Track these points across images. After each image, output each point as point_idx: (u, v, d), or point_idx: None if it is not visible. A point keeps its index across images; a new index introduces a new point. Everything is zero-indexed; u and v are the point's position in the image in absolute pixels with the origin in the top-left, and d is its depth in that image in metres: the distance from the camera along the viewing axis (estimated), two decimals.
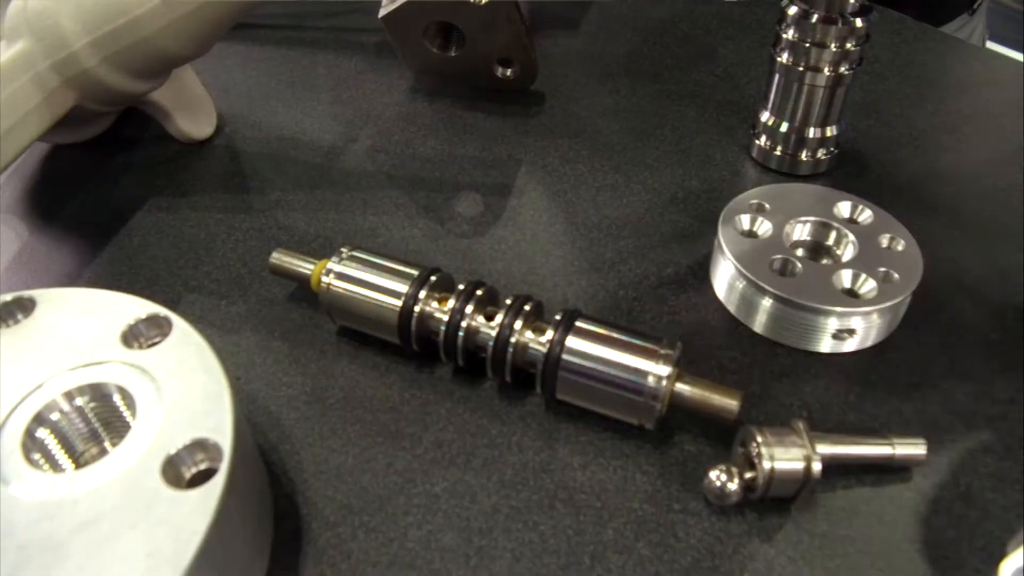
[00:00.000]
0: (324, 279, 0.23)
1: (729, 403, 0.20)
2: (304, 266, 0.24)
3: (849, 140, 0.32)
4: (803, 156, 0.30)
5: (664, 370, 0.19)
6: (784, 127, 0.30)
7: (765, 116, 0.30)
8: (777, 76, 0.29)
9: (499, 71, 0.34)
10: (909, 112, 0.34)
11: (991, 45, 0.60)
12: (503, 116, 0.34)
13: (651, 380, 0.19)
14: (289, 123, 0.34)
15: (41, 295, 0.20)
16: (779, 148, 0.30)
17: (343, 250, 0.23)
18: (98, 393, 0.18)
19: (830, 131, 0.29)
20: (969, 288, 0.25)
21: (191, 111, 0.32)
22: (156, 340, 0.19)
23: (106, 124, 0.32)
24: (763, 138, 0.30)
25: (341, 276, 0.22)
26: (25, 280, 0.26)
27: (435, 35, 0.34)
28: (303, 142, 0.32)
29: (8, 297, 0.20)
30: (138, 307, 0.20)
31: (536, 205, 0.29)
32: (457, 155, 0.31)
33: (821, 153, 0.30)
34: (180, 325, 0.19)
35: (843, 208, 0.26)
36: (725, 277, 0.24)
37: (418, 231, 0.27)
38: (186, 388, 0.18)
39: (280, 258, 0.24)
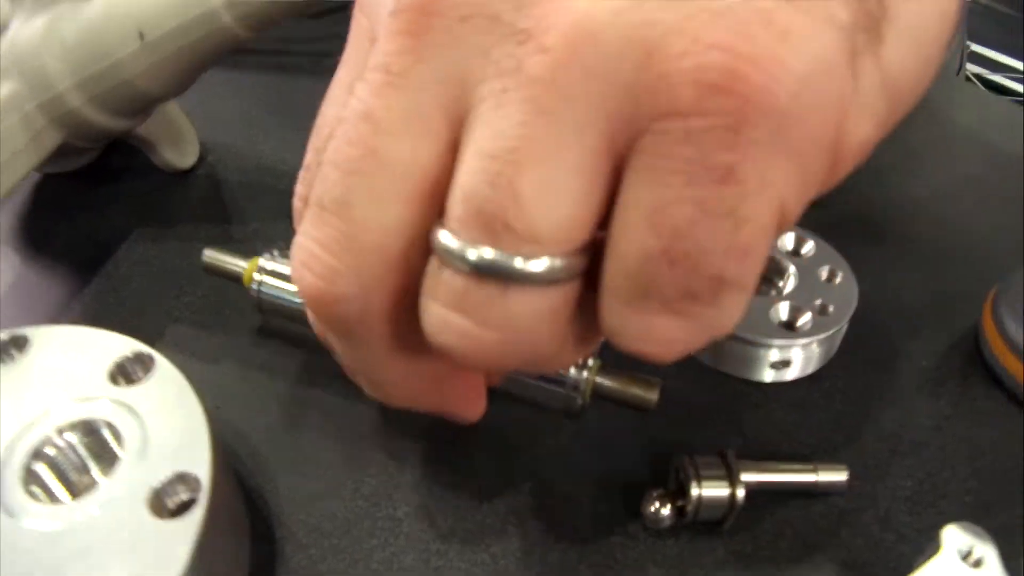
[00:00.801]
0: (256, 276, 0.25)
1: (648, 395, 0.22)
2: (237, 264, 0.26)
3: None
4: None
5: (586, 362, 0.22)
6: None
7: None
8: None
9: None
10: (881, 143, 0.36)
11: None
12: None
13: (572, 372, 0.22)
14: (269, 152, 0.36)
15: (34, 332, 0.22)
16: None
17: (275, 250, 0.25)
18: (88, 429, 0.20)
19: None
20: (906, 316, 0.28)
21: (175, 142, 0.34)
22: (140, 377, 0.21)
23: (93, 155, 0.34)
24: None
25: (273, 273, 0.25)
26: (17, 311, 0.29)
27: None
28: (283, 171, 0.35)
29: (3, 335, 0.22)
30: (124, 345, 0.22)
31: None
32: None
33: None
34: (162, 363, 0.22)
35: (787, 240, 0.28)
36: None
37: None
38: (168, 423, 0.20)
39: (213, 256, 0.27)
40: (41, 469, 0.20)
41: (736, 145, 0.12)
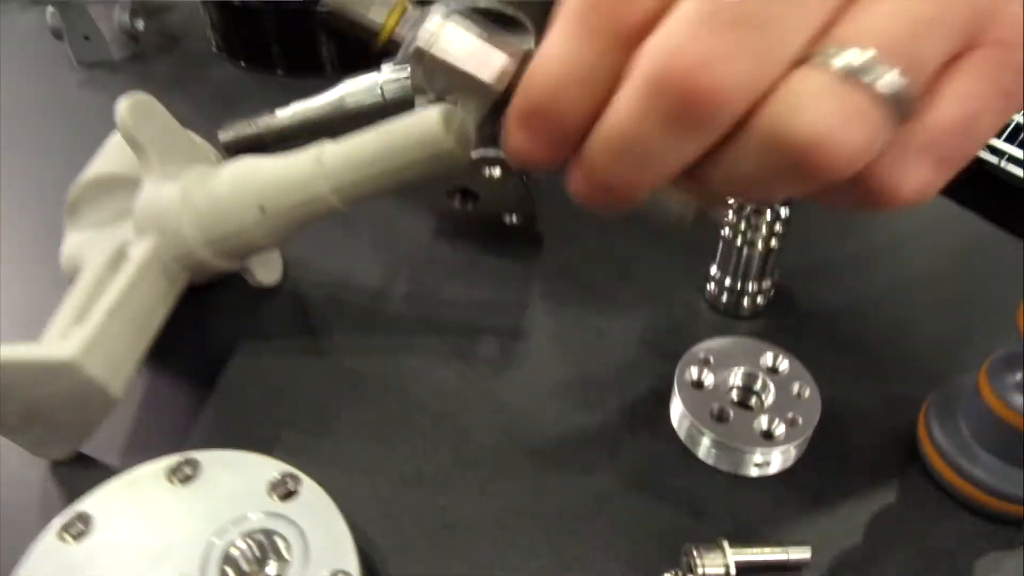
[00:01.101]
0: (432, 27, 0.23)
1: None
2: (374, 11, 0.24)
3: (783, 280, 0.42)
4: (744, 303, 0.41)
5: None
6: (728, 281, 0.40)
7: (714, 270, 0.41)
8: (722, 244, 0.40)
9: (506, 219, 0.45)
10: (835, 246, 0.45)
11: None
12: (511, 258, 0.45)
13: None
14: (340, 266, 0.44)
15: (202, 456, 0.31)
16: (725, 296, 0.41)
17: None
18: (264, 535, 0.28)
19: (765, 283, 0.40)
20: (860, 419, 0.36)
21: (263, 263, 0.42)
22: (292, 491, 0.30)
23: None
24: (713, 286, 0.41)
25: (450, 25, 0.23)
26: (152, 424, 0.37)
27: (455, 194, 0.44)
28: (353, 286, 0.43)
29: (180, 458, 0.31)
30: (273, 467, 0.30)
31: (542, 348, 0.39)
32: (476, 299, 0.42)
33: (759, 300, 0.41)
34: (306, 480, 0.30)
35: (768, 358, 0.37)
36: (677, 415, 0.35)
37: (452, 373, 0.38)
38: (320, 530, 0.28)
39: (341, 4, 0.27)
40: (230, 569, 0.28)
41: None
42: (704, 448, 0.34)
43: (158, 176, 0.37)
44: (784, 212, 0.38)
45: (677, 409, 0.35)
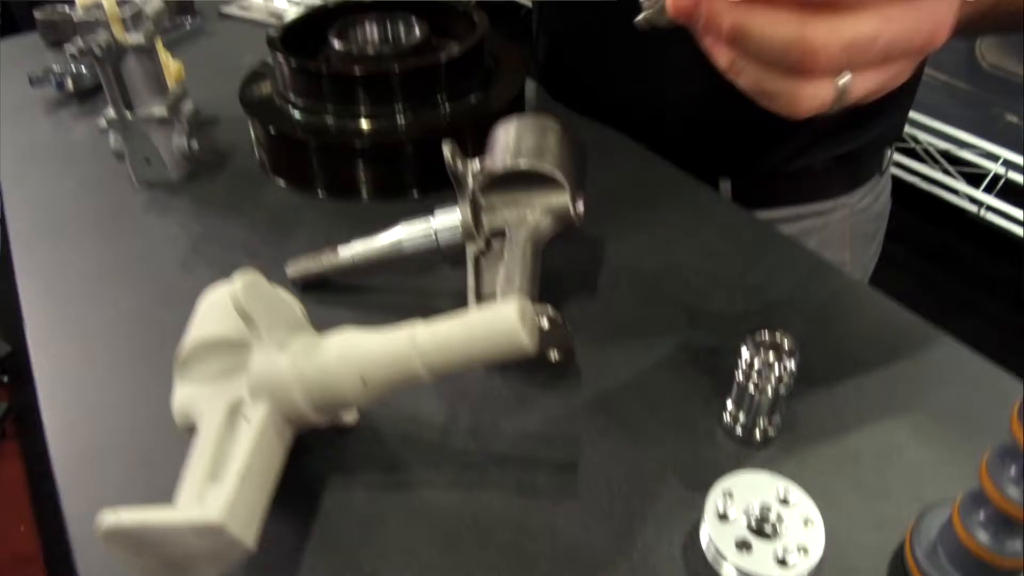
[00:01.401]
0: None
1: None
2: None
3: (790, 409, 0.50)
4: (757, 435, 0.49)
5: None
6: (742, 417, 0.48)
7: (730, 405, 0.49)
8: (736, 387, 0.48)
9: (550, 356, 0.53)
10: (834, 377, 0.53)
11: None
12: (555, 390, 0.52)
13: None
14: (408, 402, 0.52)
15: None
16: (740, 429, 0.49)
17: None
18: None
19: (775, 419, 0.48)
20: (856, 540, 0.44)
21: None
22: None
23: None
24: (728, 418, 0.49)
25: None
26: (272, 559, 0.44)
27: None
28: (423, 420, 0.51)
29: None
30: None
31: (589, 480, 0.47)
32: (531, 432, 0.50)
33: (770, 432, 0.49)
34: None
35: (780, 490, 0.45)
36: (705, 541, 0.43)
37: (515, 505, 0.46)
38: None
39: None
40: None
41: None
42: (728, 572, 0.42)
43: (267, 345, 0.45)
44: (791, 366, 0.46)
45: (706, 536, 0.43)
